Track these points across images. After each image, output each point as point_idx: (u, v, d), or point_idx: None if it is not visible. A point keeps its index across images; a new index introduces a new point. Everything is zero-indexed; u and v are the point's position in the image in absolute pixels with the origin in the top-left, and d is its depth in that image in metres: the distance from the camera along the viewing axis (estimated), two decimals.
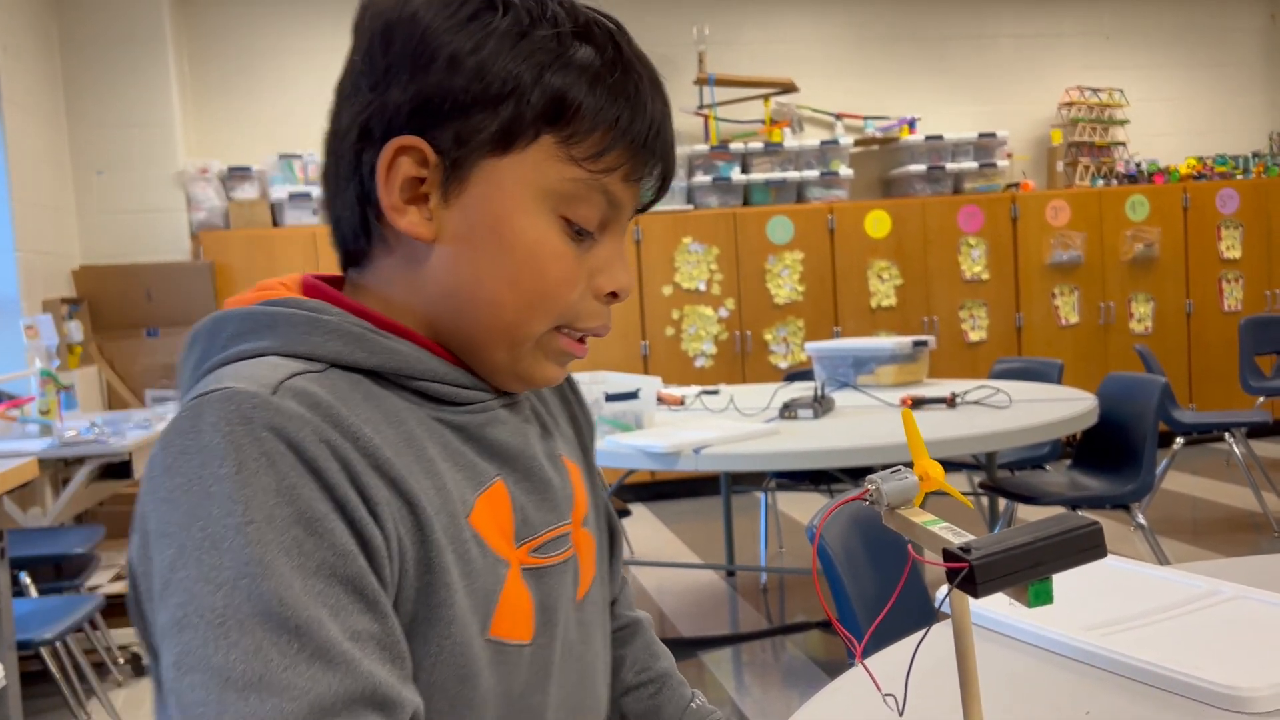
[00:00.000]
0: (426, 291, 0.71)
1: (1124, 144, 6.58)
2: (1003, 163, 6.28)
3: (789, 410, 2.90)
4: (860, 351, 3.56)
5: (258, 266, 5.24)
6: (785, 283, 5.82)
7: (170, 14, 5.33)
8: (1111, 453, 3.21)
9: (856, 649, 0.72)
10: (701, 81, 5.95)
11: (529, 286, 0.70)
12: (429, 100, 0.67)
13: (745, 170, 5.87)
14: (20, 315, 4.26)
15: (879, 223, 5.93)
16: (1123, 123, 6.58)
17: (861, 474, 3.27)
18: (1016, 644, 1.05)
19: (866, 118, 6.33)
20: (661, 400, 3.33)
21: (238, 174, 5.42)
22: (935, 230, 6.02)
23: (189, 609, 0.55)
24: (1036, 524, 0.62)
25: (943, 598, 0.65)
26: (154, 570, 0.58)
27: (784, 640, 3.49)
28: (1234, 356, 5.48)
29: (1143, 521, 3.19)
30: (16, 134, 4.43)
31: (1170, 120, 6.84)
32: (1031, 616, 1.00)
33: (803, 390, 3.30)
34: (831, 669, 3.15)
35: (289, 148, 5.59)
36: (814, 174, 5.93)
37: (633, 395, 2.82)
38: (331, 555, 0.58)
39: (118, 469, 3.36)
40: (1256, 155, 6.69)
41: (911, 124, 6.22)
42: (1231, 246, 6.39)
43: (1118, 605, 1.09)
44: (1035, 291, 6.16)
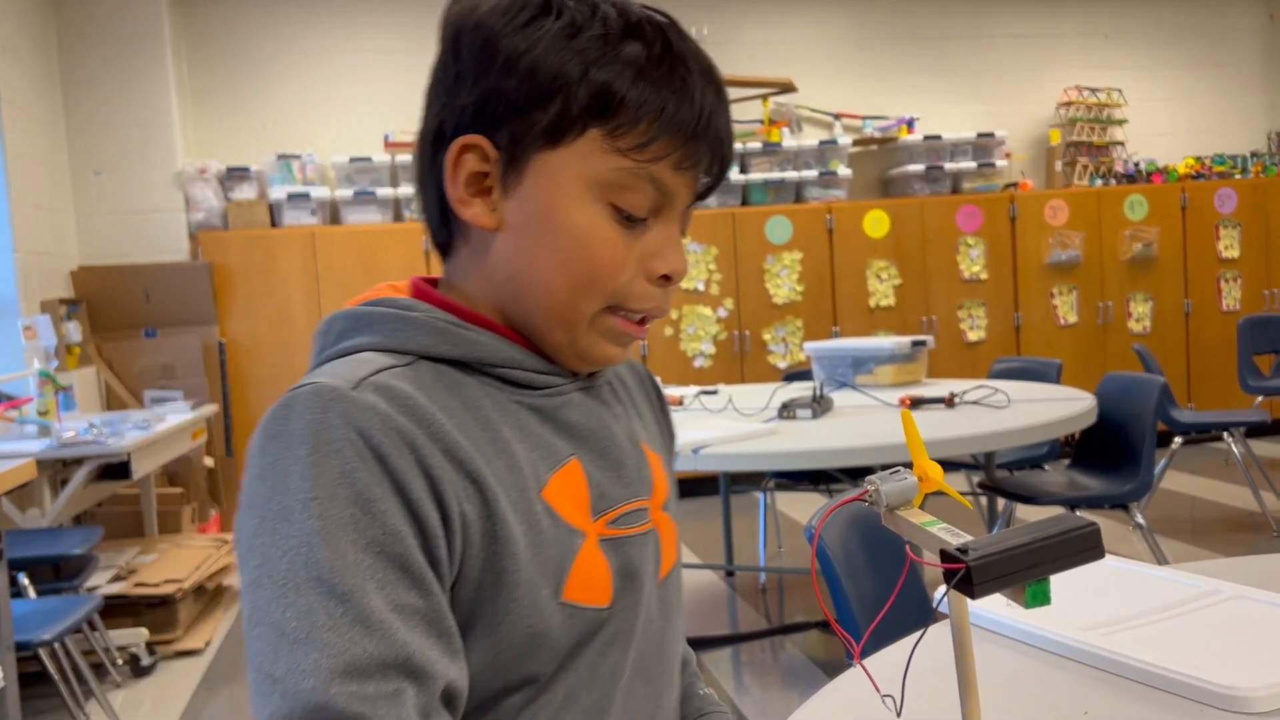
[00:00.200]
0: (494, 279, 0.78)
1: (1122, 144, 6.59)
2: (1001, 162, 6.28)
3: (788, 410, 2.90)
4: (859, 351, 3.56)
5: (256, 267, 5.24)
6: (784, 283, 5.82)
7: (169, 14, 5.33)
8: (1110, 452, 3.21)
9: (855, 649, 0.72)
10: None
11: (578, 269, 0.75)
12: (489, 100, 0.74)
13: (744, 170, 5.87)
14: (19, 316, 4.26)
15: (878, 223, 5.93)
16: (1121, 122, 6.58)
17: (860, 474, 3.27)
18: (1015, 644, 1.05)
19: (865, 118, 6.33)
20: None
21: (236, 174, 5.41)
22: (934, 230, 6.02)
23: (261, 571, 0.64)
24: (1034, 525, 0.62)
25: (939, 598, 0.65)
26: (241, 536, 0.67)
27: (783, 640, 3.49)
28: (1232, 356, 5.49)
29: (1141, 521, 3.20)
30: (15, 134, 4.43)
31: (1169, 120, 6.85)
32: (1030, 616, 1.00)
33: (801, 390, 3.30)
34: (831, 669, 3.15)
35: (287, 148, 5.59)
36: (813, 174, 5.93)
37: None
38: (382, 534, 0.65)
39: (116, 470, 3.36)
40: (1255, 155, 6.70)
41: (910, 124, 6.22)
42: (1230, 246, 6.39)
43: (1116, 605, 1.09)
44: (1034, 291, 6.16)
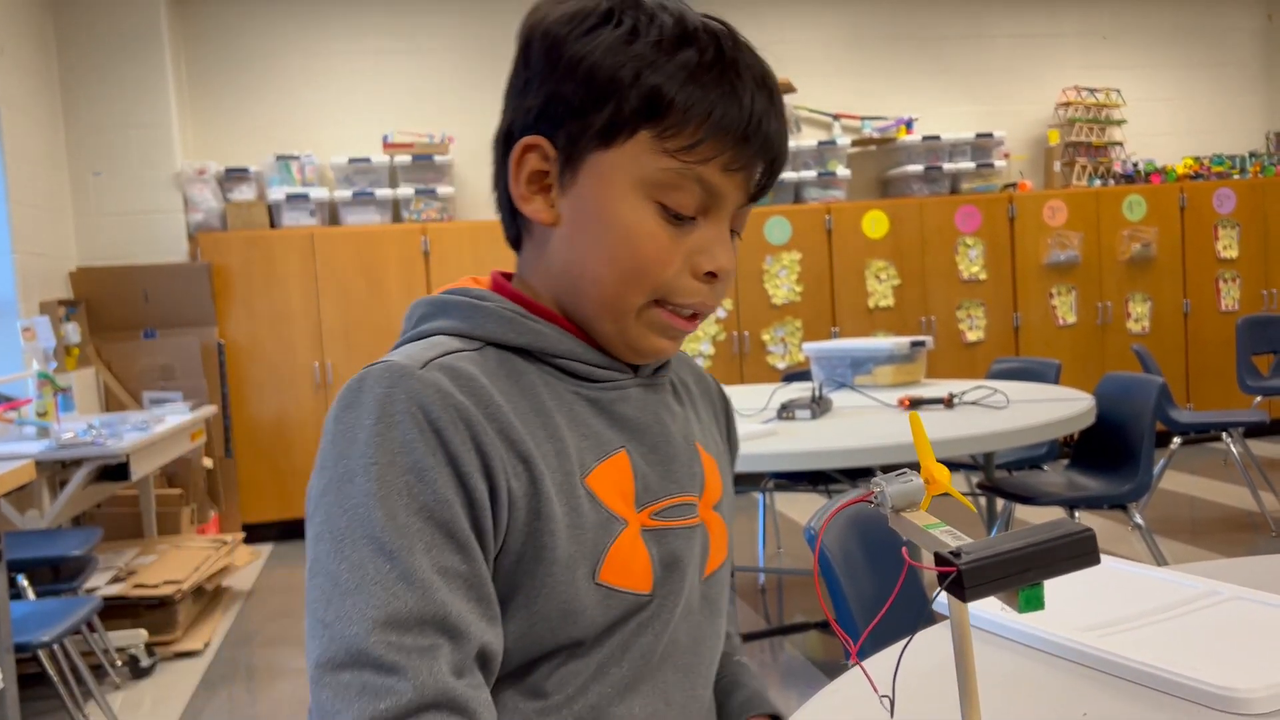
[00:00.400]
0: (551, 271, 0.83)
1: (1121, 144, 6.59)
2: (1000, 163, 6.29)
3: (787, 411, 2.89)
4: (858, 352, 3.56)
5: (255, 268, 5.23)
6: (783, 283, 5.82)
7: (167, 15, 5.33)
8: (1109, 453, 3.21)
9: (853, 650, 0.72)
10: None
11: (625, 263, 0.79)
12: (550, 103, 0.79)
13: None
14: (17, 317, 4.26)
15: (876, 223, 5.93)
16: (1120, 123, 6.59)
17: (860, 475, 3.27)
18: (1014, 645, 1.05)
19: (864, 118, 6.33)
20: None
21: (235, 175, 5.41)
22: (933, 230, 6.02)
23: (324, 526, 0.71)
24: (1029, 529, 0.63)
25: (932, 599, 0.65)
26: (311, 494, 0.74)
27: (782, 641, 3.49)
28: (1231, 356, 5.49)
29: (1140, 521, 3.20)
30: (13, 135, 4.43)
31: (1167, 120, 6.85)
32: (1029, 618, 1.00)
33: (801, 391, 3.30)
34: (830, 670, 3.15)
35: (286, 149, 5.59)
36: (811, 174, 5.93)
37: None
38: (432, 500, 0.71)
39: (115, 471, 3.35)
40: (1253, 155, 6.70)
41: (909, 124, 6.22)
42: (1228, 246, 6.40)
43: (1115, 606, 1.09)
44: (1033, 291, 6.17)
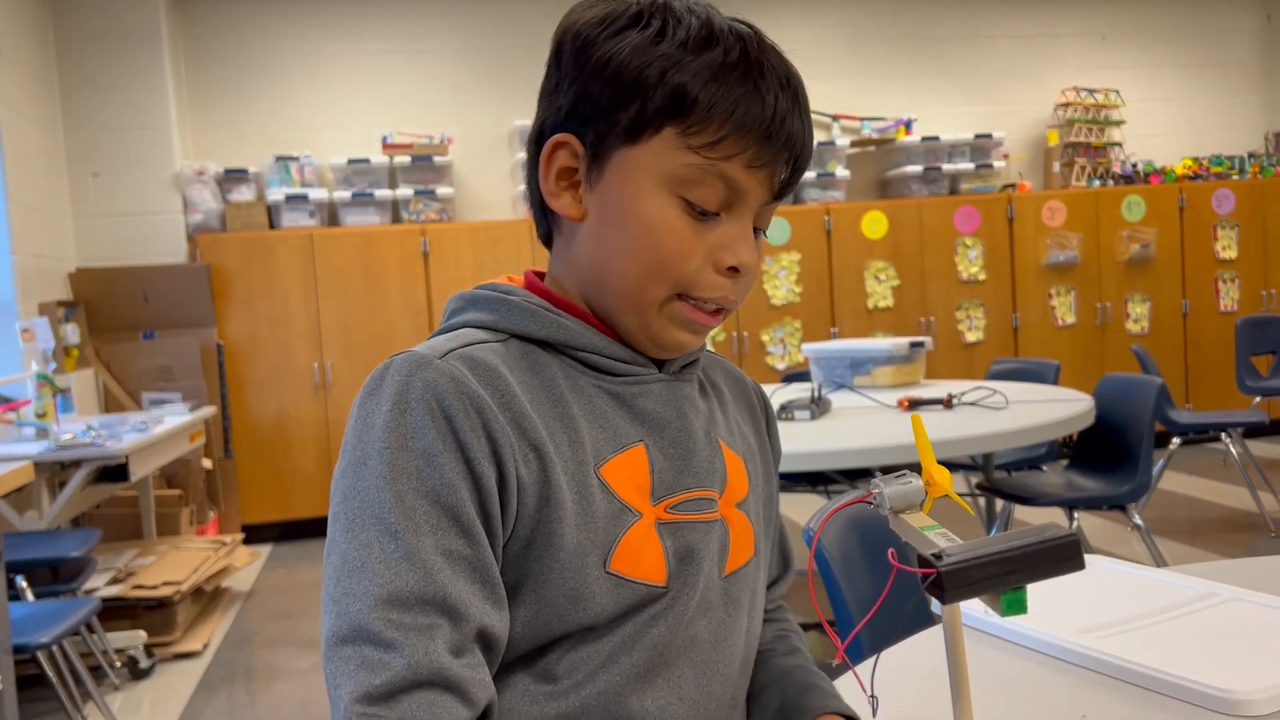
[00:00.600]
0: (578, 266, 0.85)
1: (1120, 144, 6.59)
2: (999, 163, 6.29)
3: (786, 411, 2.89)
4: (857, 352, 3.55)
5: (254, 269, 5.23)
6: (782, 284, 5.82)
7: (166, 16, 5.33)
8: (1108, 453, 3.21)
9: (839, 649, 0.72)
10: None
11: (647, 257, 0.81)
12: (579, 102, 0.81)
13: None
14: (16, 318, 4.26)
15: (876, 224, 5.93)
16: (1119, 123, 6.59)
17: (858, 475, 3.27)
18: (1012, 647, 1.05)
19: (863, 119, 6.33)
20: None
21: (234, 176, 5.41)
22: (932, 231, 6.02)
23: (340, 507, 0.74)
24: (1013, 533, 0.63)
25: (914, 602, 0.65)
26: (335, 476, 0.76)
27: None
28: (1230, 356, 5.49)
29: (1139, 522, 3.20)
30: (12, 136, 4.43)
31: (1166, 120, 6.85)
32: (1029, 620, 1.00)
33: (800, 391, 3.30)
34: (829, 670, 3.14)
35: (285, 150, 5.59)
36: (810, 175, 5.93)
37: None
38: (440, 485, 0.73)
39: (114, 472, 3.35)
40: (1252, 155, 6.70)
41: (908, 125, 6.22)
42: (1227, 247, 6.40)
43: (1114, 608, 1.09)
44: (1032, 292, 6.17)
